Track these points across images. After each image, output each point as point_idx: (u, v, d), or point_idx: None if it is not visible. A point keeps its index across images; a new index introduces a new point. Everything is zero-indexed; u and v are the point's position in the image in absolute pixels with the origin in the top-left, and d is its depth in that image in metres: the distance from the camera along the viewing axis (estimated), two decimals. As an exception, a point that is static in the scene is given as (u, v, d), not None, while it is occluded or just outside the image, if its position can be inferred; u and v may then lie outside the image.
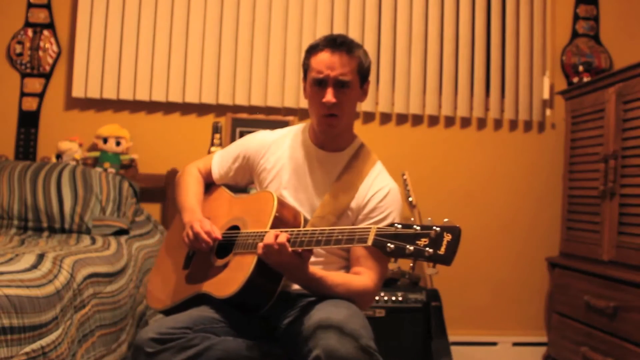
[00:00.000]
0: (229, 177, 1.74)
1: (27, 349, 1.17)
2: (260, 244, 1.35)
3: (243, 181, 1.76)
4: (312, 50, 1.58)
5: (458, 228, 1.16)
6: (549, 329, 2.95)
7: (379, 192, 1.58)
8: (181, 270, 1.63)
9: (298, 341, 1.34)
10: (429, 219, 1.23)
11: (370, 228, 1.24)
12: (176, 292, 1.60)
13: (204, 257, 1.59)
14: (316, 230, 1.33)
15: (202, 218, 1.58)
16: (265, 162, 1.67)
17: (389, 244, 1.19)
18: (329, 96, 1.51)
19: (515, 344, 3.05)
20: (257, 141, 1.71)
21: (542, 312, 3.09)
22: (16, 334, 1.14)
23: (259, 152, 1.69)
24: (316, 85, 1.54)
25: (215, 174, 1.75)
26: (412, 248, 1.17)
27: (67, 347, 1.37)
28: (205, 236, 1.51)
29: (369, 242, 1.22)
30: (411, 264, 1.24)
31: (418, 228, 1.18)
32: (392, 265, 2.56)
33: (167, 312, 1.59)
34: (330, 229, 1.31)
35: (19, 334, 1.16)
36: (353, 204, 1.57)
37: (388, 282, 2.66)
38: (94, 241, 2.15)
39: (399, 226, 1.21)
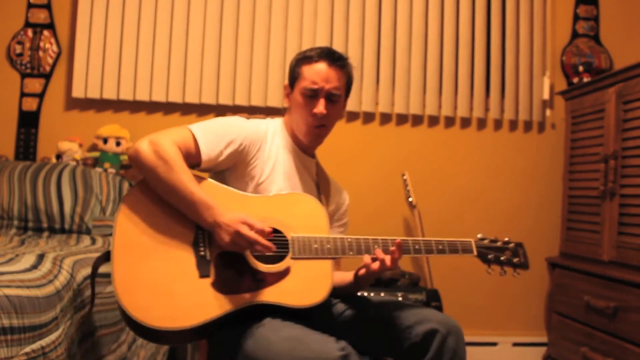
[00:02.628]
0: (215, 163, 1.48)
1: (27, 349, 1.17)
2: (390, 257, 1.44)
3: (218, 169, 1.53)
4: (306, 60, 1.57)
5: (522, 243, 1.66)
6: (549, 329, 2.95)
7: (345, 198, 1.76)
8: (197, 279, 1.35)
9: (377, 324, 1.47)
10: (494, 237, 1.62)
11: (470, 241, 1.55)
12: (208, 305, 1.34)
13: (230, 261, 1.39)
14: (418, 240, 1.50)
15: (247, 215, 1.37)
16: (260, 155, 1.55)
17: (489, 255, 1.57)
18: (321, 107, 1.54)
19: (515, 344, 3.05)
20: (254, 129, 1.56)
21: (542, 312, 3.09)
22: (16, 334, 1.14)
23: (255, 143, 1.54)
24: (307, 95, 1.55)
25: (204, 155, 1.45)
26: (504, 258, 1.58)
27: (67, 348, 1.37)
28: (264, 242, 1.35)
29: (475, 253, 1.55)
30: (503, 270, 1.61)
31: (500, 243, 1.60)
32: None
33: (193, 330, 1.33)
34: (425, 240, 1.51)
35: (19, 334, 1.15)
36: (330, 209, 1.68)
37: (388, 283, 2.66)
38: (94, 241, 2.16)
39: (486, 241, 1.58)
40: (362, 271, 1.49)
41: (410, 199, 2.83)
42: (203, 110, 2.95)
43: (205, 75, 2.91)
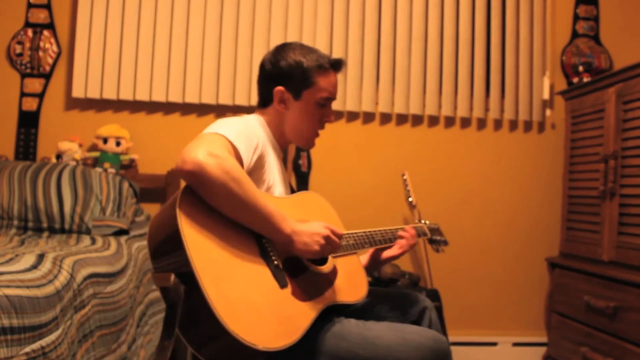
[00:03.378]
0: (247, 170, 1.40)
1: (27, 349, 1.17)
2: (407, 242, 1.73)
3: None
4: (321, 69, 1.54)
5: (437, 224, 2.01)
6: (549, 329, 2.95)
7: None
8: (279, 290, 1.28)
9: (396, 305, 1.63)
10: (426, 221, 1.90)
11: (422, 224, 1.89)
12: (299, 315, 1.29)
13: (291, 267, 1.36)
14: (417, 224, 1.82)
15: (324, 223, 1.40)
16: (269, 159, 1.52)
17: (437, 237, 1.93)
18: (333, 116, 1.63)
19: (515, 344, 3.05)
20: (261, 132, 1.53)
21: (542, 312, 3.09)
22: (16, 334, 1.14)
23: (267, 146, 1.52)
24: (321, 104, 1.57)
25: (245, 165, 1.37)
26: (442, 238, 1.94)
27: (67, 348, 1.37)
28: (339, 242, 1.43)
29: (429, 235, 1.90)
30: (439, 248, 1.93)
31: (437, 225, 1.98)
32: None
33: (296, 343, 1.25)
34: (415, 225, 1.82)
35: (19, 334, 1.15)
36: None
37: (388, 282, 2.66)
38: (94, 241, 2.15)
39: (427, 222, 1.95)
40: (389, 253, 1.72)
41: (410, 199, 2.83)
42: (203, 110, 2.95)
43: (205, 75, 2.91)
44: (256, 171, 1.45)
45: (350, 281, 1.48)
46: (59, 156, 2.75)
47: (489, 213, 3.10)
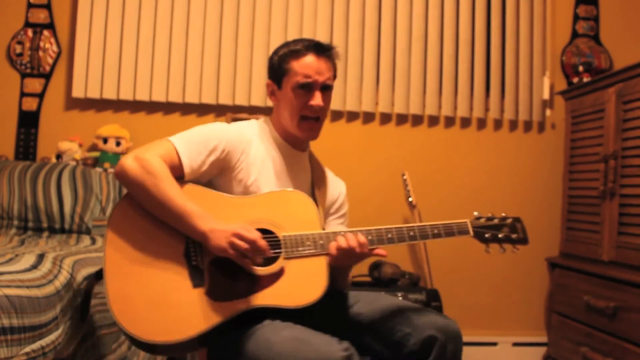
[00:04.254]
0: (199, 173, 1.47)
1: (27, 349, 1.17)
2: (337, 245, 1.40)
3: (205, 178, 1.51)
4: (293, 54, 1.55)
5: (520, 217, 1.61)
6: (549, 329, 2.95)
7: (343, 188, 1.76)
8: (191, 289, 1.35)
9: (377, 328, 1.46)
10: (490, 214, 1.61)
11: (466, 221, 1.52)
12: (204, 315, 1.33)
13: (222, 267, 1.38)
14: (413, 226, 1.47)
15: (243, 224, 1.37)
16: (245, 158, 1.53)
17: (486, 234, 1.53)
18: (318, 100, 1.53)
19: (515, 344, 3.05)
20: (235, 134, 1.54)
21: (542, 312, 3.09)
22: (16, 334, 1.14)
23: (238, 147, 1.52)
24: (300, 89, 1.53)
25: (187, 167, 1.44)
26: (502, 235, 1.55)
27: (67, 348, 1.37)
28: (263, 243, 1.35)
29: (471, 233, 1.51)
30: (502, 247, 1.57)
31: (497, 220, 1.57)
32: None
33: (191, 341, 1.32)
34: (420, 225, 1.48)
35: (19, 334, 1.15)
36: (327, 201, 1.69)
37: (388, 282, 2.66)
38: (94, 241, 2.16)
39: (482, 219, 1.56)
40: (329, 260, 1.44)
41: (410, 199, 2.83)
42: (203, 110, 2.95)
43: (205, 75, 2.91)
44: (226, 172, 1.51)
45: (298, 285, 1.39)
46: (59, 156, 2.75)
47: (489, 213, 3.09)
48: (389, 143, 3.05)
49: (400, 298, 2.55)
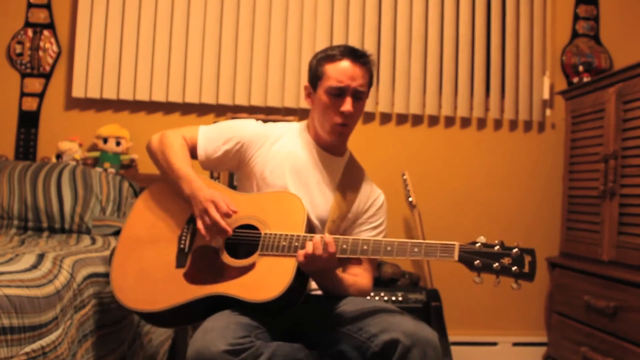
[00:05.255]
0: (213, 159, 1.63)
1: (27, 349, 1.17)
2: (303, 252, 1.37)
3: (223, 167, 1.69)
4: (329, 58, 1.58)
5: (534, 250, 1.39)
6: (549, 329, 2.95)
7: (377, 199, 1.70)
8: (174, 269, 1.50)
9: (349, 328, 1.42)
10: (498, 241, 1.37)
11: (453, 244, 1.35)
12: (174, 292, 1.45)
13: (206, 254, 1.50)
14: (381, 241, 1.38)
15: (218, 193, 1.48)
16: (262, 154, 1.61)
17: (476, 261, 1.36)
18: (348, 106, 1.55)
19: (515, 344, 3.05)
20: (254, 130, 1.65)
21: (542, 312, 3.09)
22: (16, 334, 1.15)
23: (255, 142, 1.62)
24: (333, 94, 1.56)
25: (201, 150, 1.63)
26: (498, 265, 1.37)
27: (67, 347, 1.37)
28: (224, 225, 1.44)
29: (455, 258, 1.36)
30: (497, 279, 1.41)
31: (498, 247, 1.36)
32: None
33: (161, 314, 1.46)
34: (400, 241, 1.37)
35: (19, 334, 1.16)
36: (354, 208, 1.65)
37: (388, 282, 2.66)
38: (94, 241, 2.16)
39: (478, 244, 1.37)
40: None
41: (410, 199, 2.83)
42: (203, 110, 2.95)
43: (205, 75, 2.91)
44: (242, 166, 1.64)
45: (262, 280, 1.40)
46: (59, 156, 2.76)
47: (489, 213, 3.10)
48: (389, 143, 3.05)
49: (401, 299, 2.55)
